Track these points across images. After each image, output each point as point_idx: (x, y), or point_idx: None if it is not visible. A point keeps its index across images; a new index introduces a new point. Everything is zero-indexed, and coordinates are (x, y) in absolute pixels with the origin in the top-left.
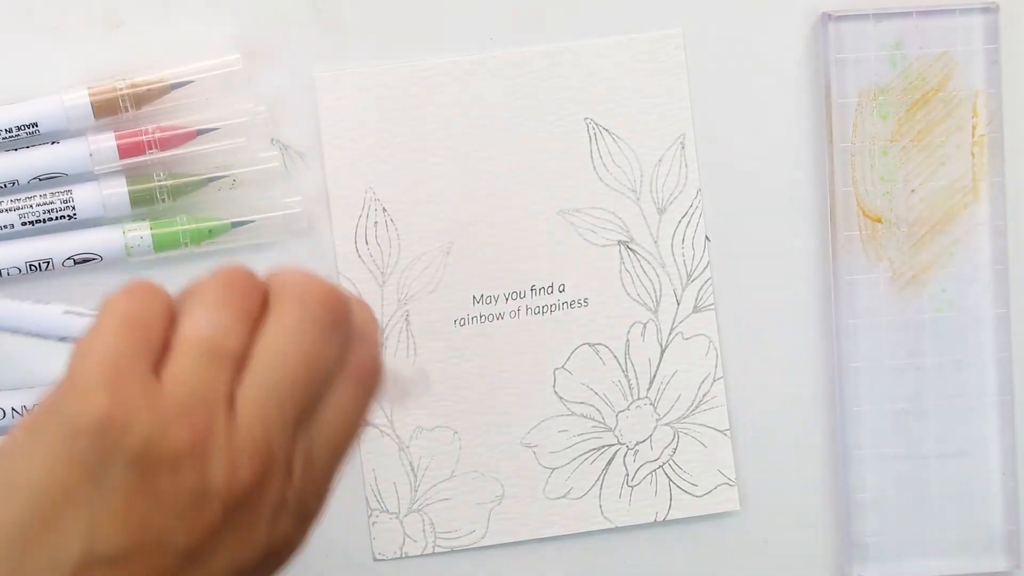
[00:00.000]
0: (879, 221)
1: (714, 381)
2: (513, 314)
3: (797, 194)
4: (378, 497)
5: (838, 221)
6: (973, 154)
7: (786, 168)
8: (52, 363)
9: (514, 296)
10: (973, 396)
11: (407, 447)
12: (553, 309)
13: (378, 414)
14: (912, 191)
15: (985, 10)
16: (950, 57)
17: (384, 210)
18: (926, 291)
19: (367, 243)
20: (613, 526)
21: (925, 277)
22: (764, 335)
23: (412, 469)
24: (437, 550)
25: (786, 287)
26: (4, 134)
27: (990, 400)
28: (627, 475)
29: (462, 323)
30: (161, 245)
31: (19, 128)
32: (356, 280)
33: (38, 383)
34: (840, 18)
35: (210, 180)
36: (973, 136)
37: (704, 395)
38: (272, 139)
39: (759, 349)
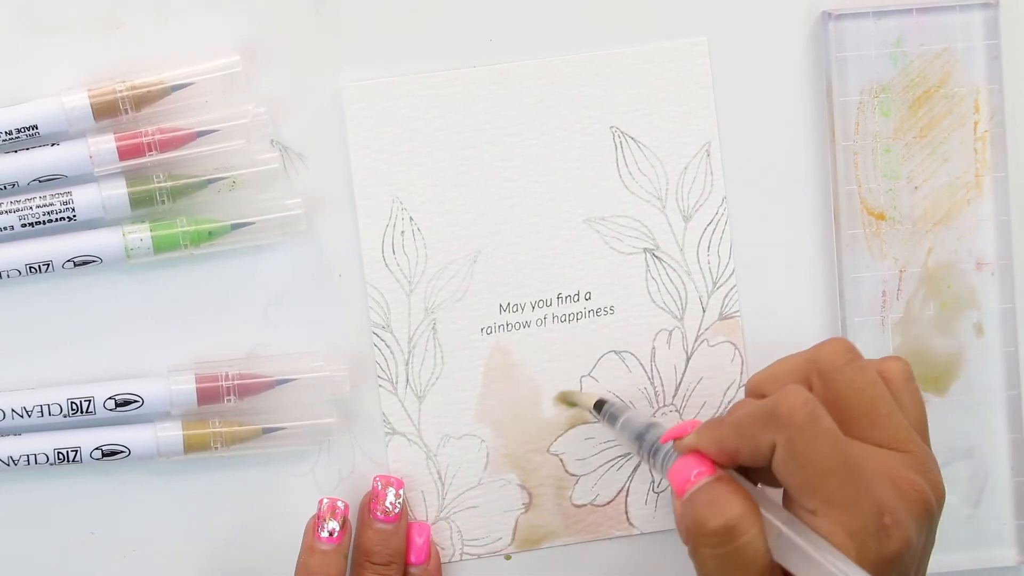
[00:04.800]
0: (883, 218)
1: (739, 388)
2: (539, 322)
3: (801, 193)
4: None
5: (842, 219)
6: (976, 150)
7: (789, 167)
8: None
9: (540, 304)
10: (981, 391)
11: (435, 455)
12: (579, 317)
13: (405, 422)
14: (915, 188)
15: (985, 6)
16: (951, 53)
17: (411, 219)
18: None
19: (394, 252)
20: (639, 532)
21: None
22: (783, 339)
23: (440, 477)
24: (465, 557)
25: (797, 289)
26: (4, 136)
27: (998, 395)
28: (653, 482)
29: (489, 331)
30: (161, 247)
31: (19, 130)
32: (383, 289)
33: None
34: (840, 16)
35: (210, 182)
36: (975, 132)
37: (729, 402)
38: (272, 141)
39: (779, 353)
